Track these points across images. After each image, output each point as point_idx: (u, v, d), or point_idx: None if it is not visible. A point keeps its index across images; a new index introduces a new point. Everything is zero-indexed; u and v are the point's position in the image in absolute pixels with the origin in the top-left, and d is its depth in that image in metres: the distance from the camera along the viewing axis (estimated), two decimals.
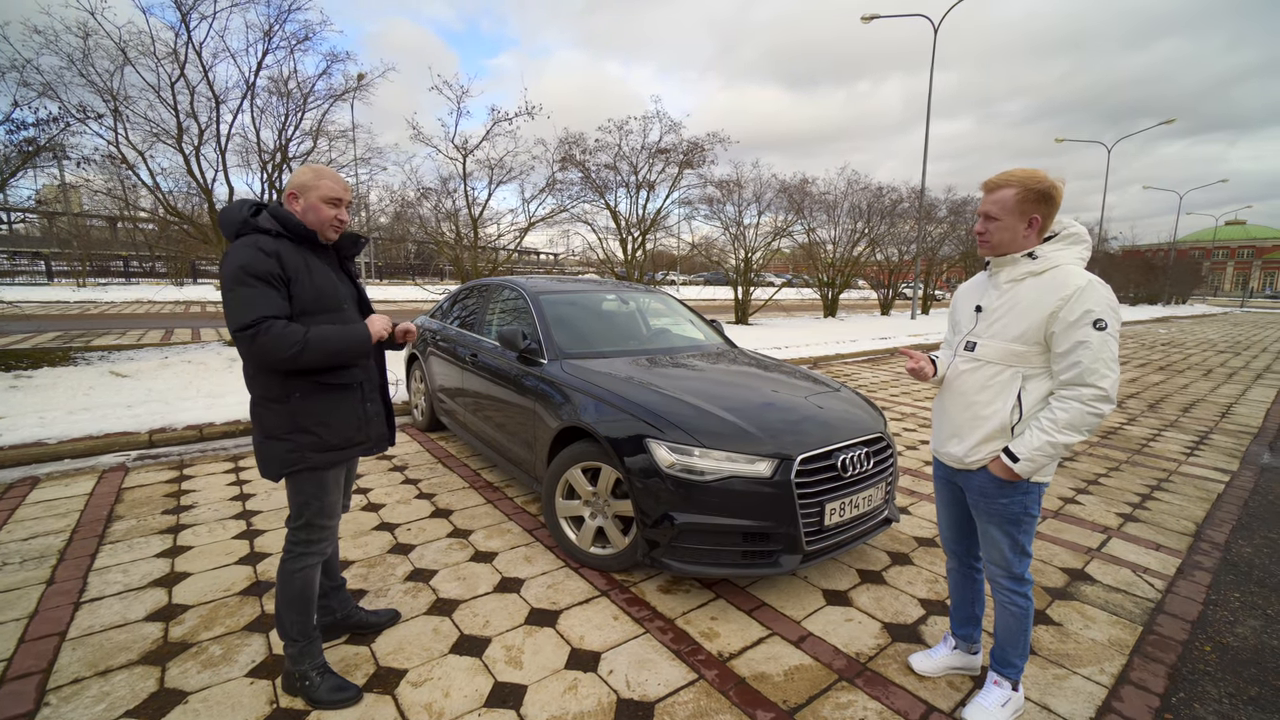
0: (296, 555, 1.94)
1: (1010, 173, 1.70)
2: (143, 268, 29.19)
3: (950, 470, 1.95)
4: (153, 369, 6.61)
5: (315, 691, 1.90)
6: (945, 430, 1.91)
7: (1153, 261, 41.86)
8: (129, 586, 2.57)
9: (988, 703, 1.92)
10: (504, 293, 4.30)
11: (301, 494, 1.91)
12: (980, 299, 1.85)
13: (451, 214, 10.88)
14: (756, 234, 15.42)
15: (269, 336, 1.71)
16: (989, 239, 1.75)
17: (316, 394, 1.86)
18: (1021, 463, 1.68)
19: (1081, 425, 1.61)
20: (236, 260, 1.74)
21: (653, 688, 2.04)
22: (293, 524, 1.95)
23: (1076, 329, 1.59)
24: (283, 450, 1.85)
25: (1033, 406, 1.70)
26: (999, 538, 1.83)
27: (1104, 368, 1.58)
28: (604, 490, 2.77)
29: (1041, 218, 1.68)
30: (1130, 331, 19.18)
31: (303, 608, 1.94)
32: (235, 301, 1.72)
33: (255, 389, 1.86)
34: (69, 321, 12.73)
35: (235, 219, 1.83)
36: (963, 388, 1.84)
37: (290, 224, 1.85)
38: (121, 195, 9.57)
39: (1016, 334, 1.70)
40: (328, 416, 1.89)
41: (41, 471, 3.91)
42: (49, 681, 1.98)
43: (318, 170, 1.92)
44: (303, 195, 1.88)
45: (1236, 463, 4.88)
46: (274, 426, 1.84)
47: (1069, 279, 1.63)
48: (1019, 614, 1.87)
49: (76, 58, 6.74)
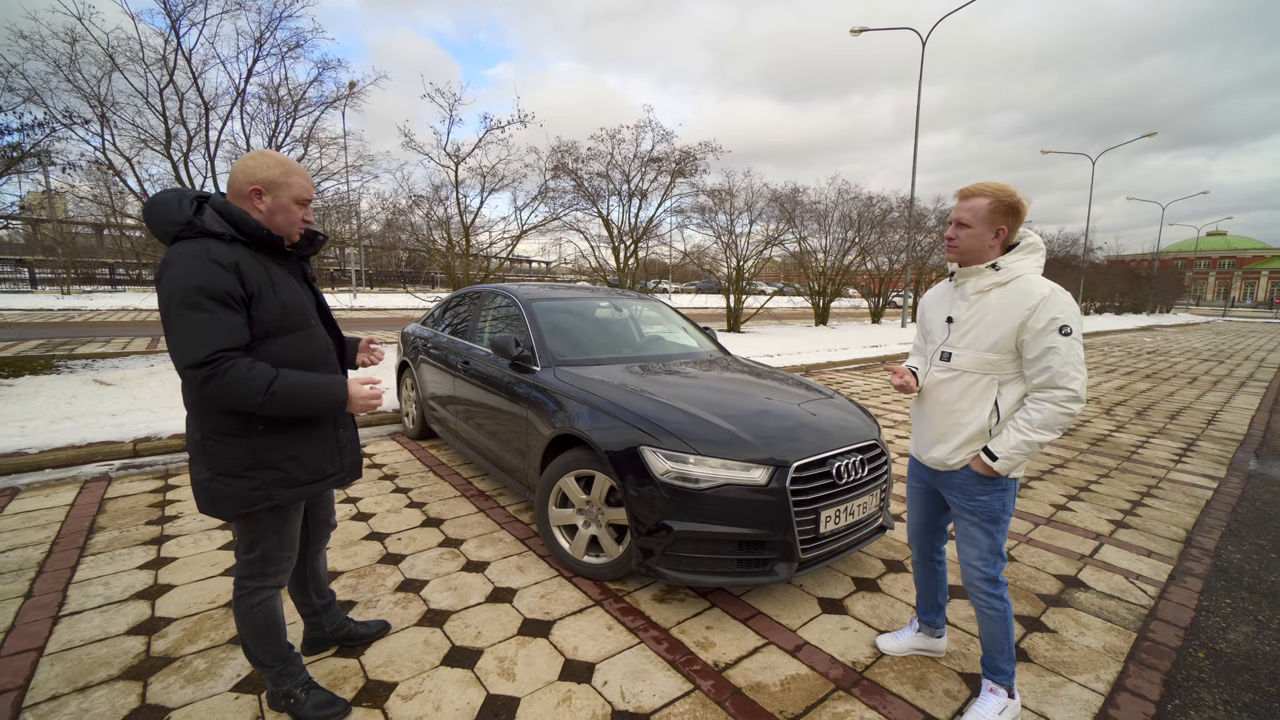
0: (251, 590, 1.72)
1: (984, 184, 1.80)
2: (129, 275, 28.82)
3: (930, 474, 2.04)
4: (138, 377, 6.50)
5: (301, 709, 1.83)
6: (928, 436, 2.00)
7: (1137, 271, 42.52)
8: (110, 599, 2.51)
9: (984, 711, 1.92)
10: (496, 300, 4.27)
11: (255, 530, 1.68)
12: (950, 310, 1.93)
13: (443, 221, 10.85)
14: (748, 242, 15.50)
15: (226, 380, 1.42)
16: (958, 245, 1.84)
17: (282, 427, 1.60)
18: (1000, 460, 1.78)
19: (1054, 424, 1.72)
20: (185, 277, 1.42)
21: (648, 699, 2.01)
22: (244, 556, 1.70)
23: (1045, 336, 1.69)
24: (243, 489, 1.57)
25: (1009, 410, 1.80)
26: (979, 537, 1.90)
27: (1073, 370, 1.69)
28: (597, 498, 2.74)
29: (1007, 229, 1.79)
30: (1116, 340, 19.43)
31: (271, 636, 1.78)
32: (185, 330, 1.42)
33: (202, 423, 1.55)
34: (53, 329, 12.53)
35: (173, 217, 1.49)
36: (942, 396, 1.92)
37: (247, 227, 1.53)
38: (108, 202, 9.46)
39: (989, 344, 1.79)
40: (298, 450, 1.65)
41: (21, 482, 3.82)
42: (25, 698, 1.91)
43: (285, 164, 1.60)
44: (270, 193, 1.57)
45: (1224, 469, 4.93)
46: (230, 463, 1.56)
47: (1033, 289, 1.73)
48: (998, 617, 1.92)
49: (63, 63, 6.67)
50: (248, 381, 1.45)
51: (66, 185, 8.08)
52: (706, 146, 12.89)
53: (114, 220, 11.55)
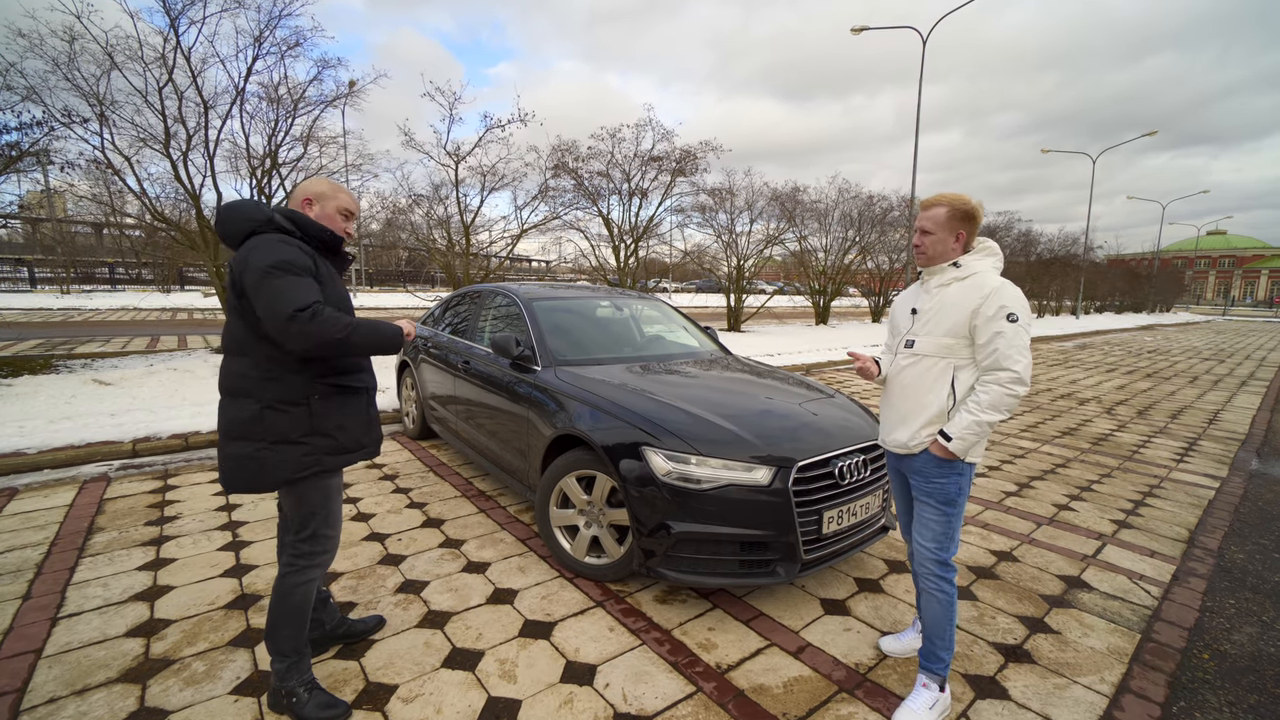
0: (300, 569, 1.88)
1: (942, 194, 1.99)
2: (129, 274, 28.77)
3: (897, 458, 2.12)
4: (138, 377, 6.49)
5: (302, 709, 1.84)
6: (892, 419, 2.10)
7: (1137, 270, 42.52)
8: (109, 601, 2.49)
9: (916, 705, 1.96)
10: (497, 299, 4.26)
11: (307, 504, 1.86)
12: (915, 303, 2.09)
13: (443, 221, 10.82)
14: (749, 241, 15.48)
15: (324, 317, 1.70)
16: (925, 250, 2.00)
17: (335, 396, 1.85)
18: (955, 441, 1.87)
19: (1001, 405, 1.83)
20: (275, 253, 1.69)
21: (650, 701, 2.00)
22: (297, 535, 1.89)
23: (994, 322, 1.83)
24: (295, 455, 1.78)
25: (964, 393, 1.92)
26: (933, 519, 1.98)
27: (1017, 354, 1.81)
28: (599, 499, 2.73)
29: (966, 234, 1.95)
30: (1117, 339, 19.42)
31: (300, 623, 1.89)
32: (285, 287, 1.67)
33: (267, 392, 1.76)
34: (52, 329, 12.51)
35: (252, 215, 1.77)
36: (905, 380, 2.05)
37: (312, 230, 1.83)
38: (107, 201, 9.44)
39: (946, 329, 1.93)
40: (344, 419, 1.87)
41: (20, 482, 3.81)
42: (23, 701, 1.90)
43: (334, 184, 1.93)
44: (319, 203, 1.87)
45: (1226, 469, 4.92)
46: (287, 430, 1.77)
47: (986, 281, 1.89)
48: (945, 600, 1.98)
49: (62, 61, 6.65)
50: (336, 319, 1.72)
51: (65, 184, 8.05)
52: (707, 145, 12.87)
53: (113, 219, 11.53)
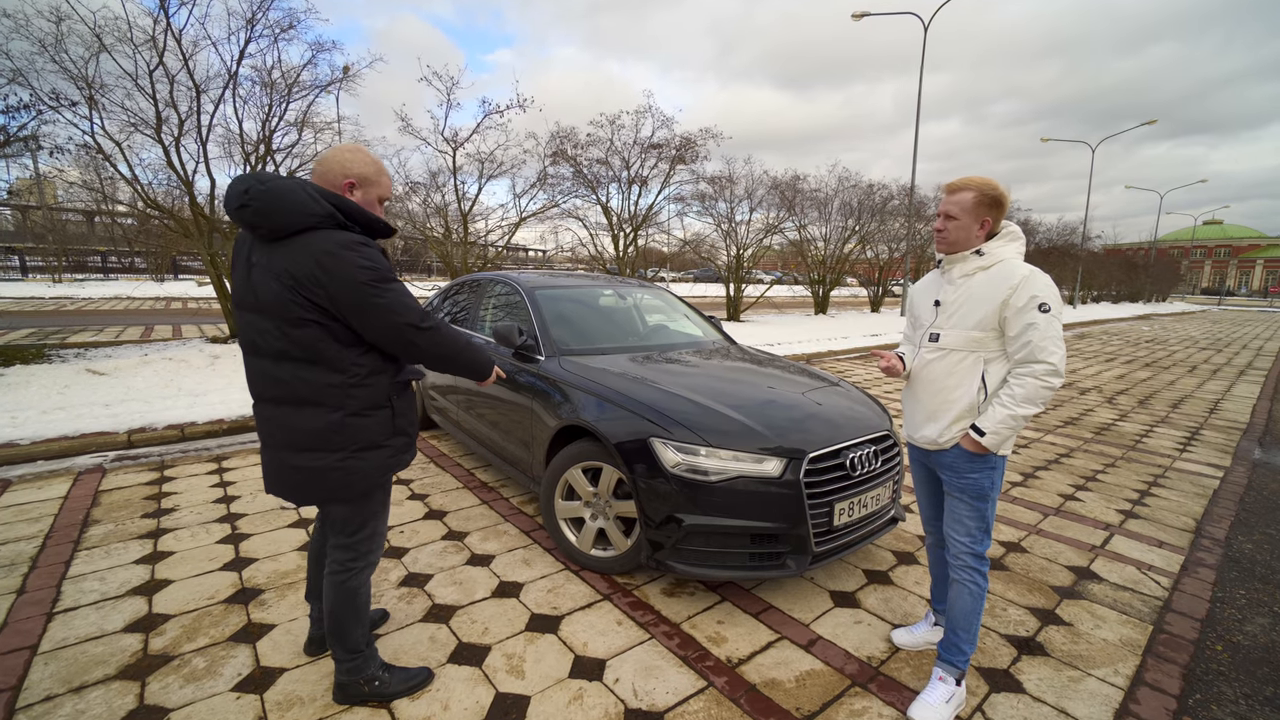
0: (359, 570, 1.83)
1: (970, 178, 1.88)
2: (121, 263, 28.46)
3: (923, 453, 2.06)
4: (132, 366, 6.40)
5: (388, 688, 1.88)
6: (919, 416, 2.03)
7: (1134, 260, 42.50)
8: (106, 595, 2.44)
9: (933, 699, 1.93)
10: (498, 288, 4.18)
11: (373, 503, 1.80)
12: (937, 294, 1.99)
13: (441, 209, 10.70)
14: (748, 230, 15.37)
15: (445, 327, 1.69)
16: (947, 236, 1.91)
17: (405, 393, 1.81)
18: (988, 436, 1.81)
19: (1036, 398, 1.76)
20: (368, 259, 1.55)
21: (661, 696, 1.96)
22: (353, 536, 1.81)
23: (1025, 313, 1.75)
24: (381, 459, 1.72)
25: (995, 387, 1.85)
26: (968, 514, 1.93)
27: (1051, 345, 1.74)
28: (605, 490, 2.69)
29: (991, 220, 1.87)
30: (1114, 329, 19.44)
31: (365, 616, 1.89)
32: (397, 297, 1.60)
33: (354, 400, 1.64)
34: (44, 318, 12.35)
35: (313, 208, 1.51)
36: (931, 375, 1.97)
37: (377, 226, 1.65)
38: (98, 188, 9.26)
39: (974, 322, 1.85)
40: (412, 415, 1.85)
41: (13, 474, 3.74)
42: (19, 699, 1.85)
43: (377, 164, 1.70)
44: (363, 188, 1.66)
45: (1229, 458, 4.91)
46: (375, 435, 1.70)
47: (1014, 270, 1.80)
48: (978, 593, 1.94)
49: (49, 43, 6.48)
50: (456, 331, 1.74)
51: (55, 170, 7.87)
52: (707, 133, 12.72)
53: (105, 207, 11.35)
